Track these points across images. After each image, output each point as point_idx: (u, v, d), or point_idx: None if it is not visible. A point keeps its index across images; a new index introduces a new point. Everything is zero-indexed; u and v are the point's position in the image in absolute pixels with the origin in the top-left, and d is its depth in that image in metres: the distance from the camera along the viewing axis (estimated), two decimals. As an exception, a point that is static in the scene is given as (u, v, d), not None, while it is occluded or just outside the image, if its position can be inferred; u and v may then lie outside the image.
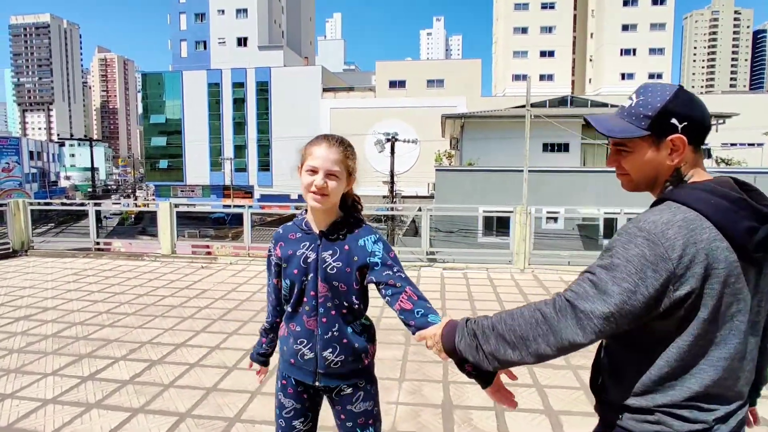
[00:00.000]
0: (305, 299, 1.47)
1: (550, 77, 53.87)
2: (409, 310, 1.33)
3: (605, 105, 23.53)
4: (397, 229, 21.05)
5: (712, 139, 28.37)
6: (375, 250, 1.44)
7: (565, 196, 17.82)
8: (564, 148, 20.69)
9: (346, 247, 1.45)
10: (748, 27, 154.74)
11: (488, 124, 21.01)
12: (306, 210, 1.54)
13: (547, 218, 16.83)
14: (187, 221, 29.16)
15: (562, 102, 23.74)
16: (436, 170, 19.19)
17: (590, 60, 58.07)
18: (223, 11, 49.89)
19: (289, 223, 1.56)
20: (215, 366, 3.67)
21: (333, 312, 1.45)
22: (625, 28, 53.70)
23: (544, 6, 54.83)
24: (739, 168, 19.45)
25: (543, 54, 54.65)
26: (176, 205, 8.46)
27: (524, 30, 55.28)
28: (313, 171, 1.41)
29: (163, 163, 48.36)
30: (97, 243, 8.62)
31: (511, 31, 55.57)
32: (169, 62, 52.68)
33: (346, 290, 1.44)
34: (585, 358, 3.88)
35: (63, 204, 18.51)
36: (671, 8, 53.64)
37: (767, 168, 19.98)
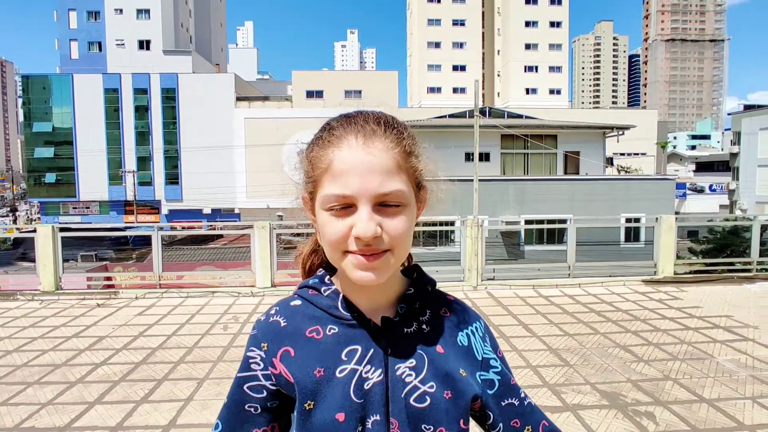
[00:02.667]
0: None
1: (462, 90, 56.30)
2: None
3: (521, 116, 24.62)
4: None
5: (611, 149, 31.11)
6: (488, 356, 0.74)
7: (488, 204, 18.14)
8: (485, 157, 21.15)
9: (439, 348, 0.71)
10: (624, 52, 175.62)
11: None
12: (325, 272, 0.76)
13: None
14: (81, 243, 25.69)
15: (480, 112, 24.44)
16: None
17: (498, 75, 61.64)
18: (121, 10, 45.69)
19: (294, 301, 0.74)
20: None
21: None
22: (527, 47, 57.81)
23: (455, 22, 57.33)
24: (637, 176, 21.22)
25: (455, 68, 57.04)
26: (63, 229, 6.92)
27: (437, 45, 57.34)
28: (345, 204, 0.63)
29: (51, 177, 42.77)
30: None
31: (425, 45, 57.33)
32: (57, 64, 47.10)
33: None
34: (580, 394, 3.41)
35: None
36: (566, 31, 58.82)
37: (660, 175, 22.05)
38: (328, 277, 0.74)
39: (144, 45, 46.35)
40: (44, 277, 6.33)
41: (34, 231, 6.36)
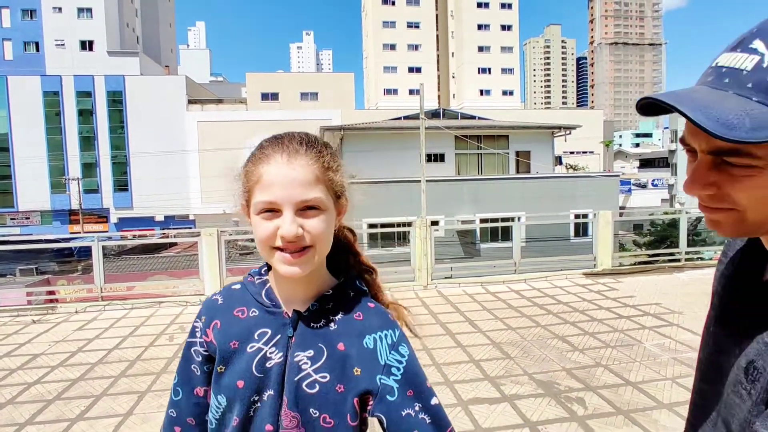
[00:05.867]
0: None
1: (418, 91, 56.81)
2: None
3: (474, 117, 25.22)
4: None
5: (559, 148, 32.37)
6: (392, 363, 0.80)
7: (444, 204, 18.49)
8: (440, 158, 21.54)
9: (341, 345, 0.80)
10: (572, 54, 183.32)
11: (368, 137, 21.03)
12: (265, 269, 0.88)
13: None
14: (20, 256, 24.16)
15: (435, 114, 24.84)
16: (318, 184, 18.50)
17: (453, 77, 62.86)
18: (60, 9, 43.32)
19: (236, 285, 0.88)
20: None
21: None
22: (480, 49, 59.29)
23: (410, 25, 58.00)
24: (584, 173, 22.22)
25: (411, 70, 57.70)
26: (-6, 242, 6.53)
27: (393, 47, 57.84)
28: (272, 210, 0.76)
29: (-15, 187, 40.01)
30: None
31: (380, 47, 57.70)
32: (-11, 66, 44.06)
33: (332, 426, 0.76)
34: (518, 385, 3.58)
35: None
36: (516, 34, 60.74)
37: (605, 172, 23.18)
38: (265, 269, 0.87)
39: (86, 45, 44.17)
40: (-27, 294, 5.95)
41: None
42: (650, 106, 0.54)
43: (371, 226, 16.35)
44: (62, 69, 41.58)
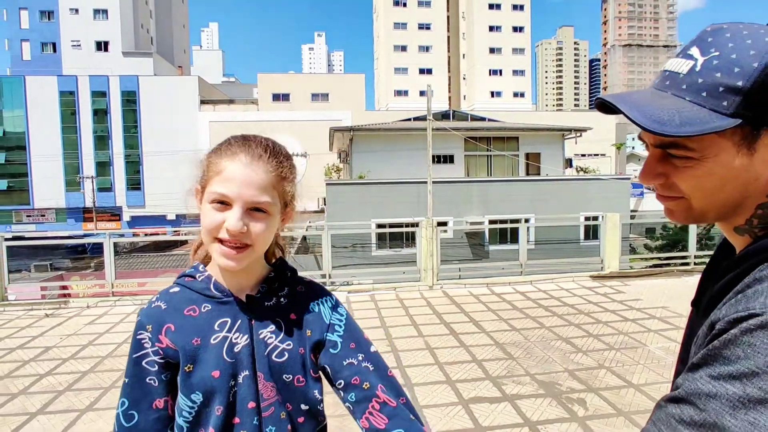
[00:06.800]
0: (238, 420, 0.83)
1: (429, 93, 56.81)
2: (383, 431, 0.84)
3: (484, 119, 25.14)
4: (287, 248, 19.96)
5: (570, 150, 32.14)
6: (335, 322, 0.93)
7: (453, 205, 18.46)
8: (449, 159, 21.52)
9: (293, 315, 0.90)
10: (585, 56, 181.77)
11: (378, 137, 21.06)
12: (202, 266, 0.92)
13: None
14: (35, 253, 24.60)
15: (445, 116, 24.80)
16: (327, 185, 18.61)
17: (464, 78, 62.72)
18: (77, 10, 44.07)
19: (173, 288, 0.90)
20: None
21: (289, 427, 0.86)
22: (491, 50, 59.08)
23: (421, 26, 58.01)
24: (594, 176, 22.01)
25: (422, 71, 57.68)
26: (10, 238, 6.70)
27: (404, 48, 57.88)
28: (223, 202, 0.81)
29: (2, 184, 40.84)
30: None
31: (391, 48, 57.76)
32: (7, 65, 45.04)
33: (305, 384, 0.88)
34: (519, 385, 3.59)
35: None
36: (528, 35, 60.45)
37: (616, 175, 22.95)
38: (202, 266, 0.91)
39: (102, 46, 44.89)
40: (-11, 288, 6.12)
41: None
42: (603, 106, 0.60)
43: (380, 226, 16.42)
44: (78, 69, 42.28)
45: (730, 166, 0.55)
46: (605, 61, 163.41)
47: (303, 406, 0.88)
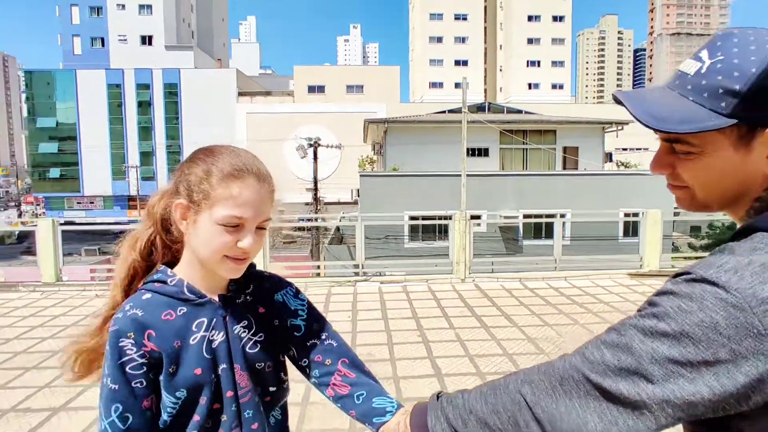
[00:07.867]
0: (218, 406, 0.92)
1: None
2: (347, 396, 0.98)
3: (520, 111, 24.63)
4: (322, 238, 20.28)
5: (611, 144, 31.05)
6: (298, 309, 1.03)
7: (487, 199, 18.23)
8: (484, 152, 21.23)
9: (261, 309, 1.00)
10: (629, 46, 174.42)
11: (412, 130, 21.00)
12: (165, 267, 0.94)
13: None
14: (85, 237, 25.97)
15: (480, 108, 24.44)
16: (361, 176, 18.72)
17: (500, 70, 61.47)
18: (123, 6, 45.84)
19: (146, 295, 0.91)
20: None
21: (261, 408, 0.97)
22: (530, 41, 57.60)
23: (457, 17, 57.15)
24: (636, 171, 21.24)
25: (457, 63, 56.90)
26: (64, 223, 7.13)
27: (439, 39, 57.22)
28: (236, 226, 0.86)
29: (55, 172, 43.21)
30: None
31: (427, 40, 57.22)
32: (60, 59, 47.36)
33: (272, 369, 0.99)
34: (517, 346, 3.57)
35: None
36: (569, 25, 58.56)
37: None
38: (169, 270, 0.93)
39: (146, 40, 46.53)
40: (45, 269, 6.54)
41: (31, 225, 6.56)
42: (619, 100, 0.66)
43: (413, 218, 16.43)
44: (124, 63, 44.03)
45: (728, 161, 0.61)
46: (651, 50, 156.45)
47: (270, 387, 0.98)
